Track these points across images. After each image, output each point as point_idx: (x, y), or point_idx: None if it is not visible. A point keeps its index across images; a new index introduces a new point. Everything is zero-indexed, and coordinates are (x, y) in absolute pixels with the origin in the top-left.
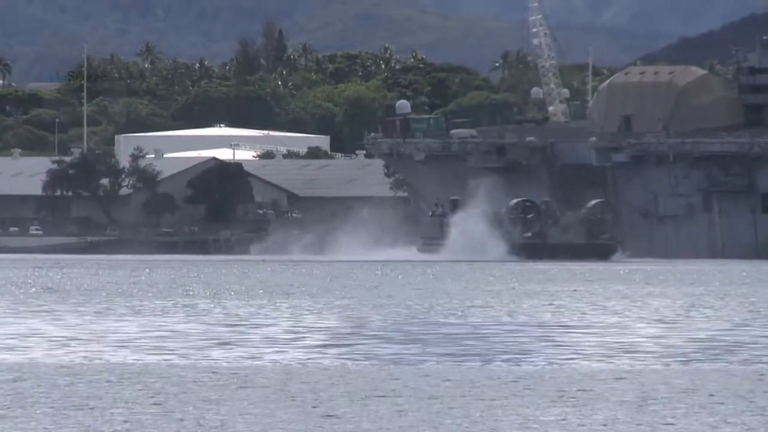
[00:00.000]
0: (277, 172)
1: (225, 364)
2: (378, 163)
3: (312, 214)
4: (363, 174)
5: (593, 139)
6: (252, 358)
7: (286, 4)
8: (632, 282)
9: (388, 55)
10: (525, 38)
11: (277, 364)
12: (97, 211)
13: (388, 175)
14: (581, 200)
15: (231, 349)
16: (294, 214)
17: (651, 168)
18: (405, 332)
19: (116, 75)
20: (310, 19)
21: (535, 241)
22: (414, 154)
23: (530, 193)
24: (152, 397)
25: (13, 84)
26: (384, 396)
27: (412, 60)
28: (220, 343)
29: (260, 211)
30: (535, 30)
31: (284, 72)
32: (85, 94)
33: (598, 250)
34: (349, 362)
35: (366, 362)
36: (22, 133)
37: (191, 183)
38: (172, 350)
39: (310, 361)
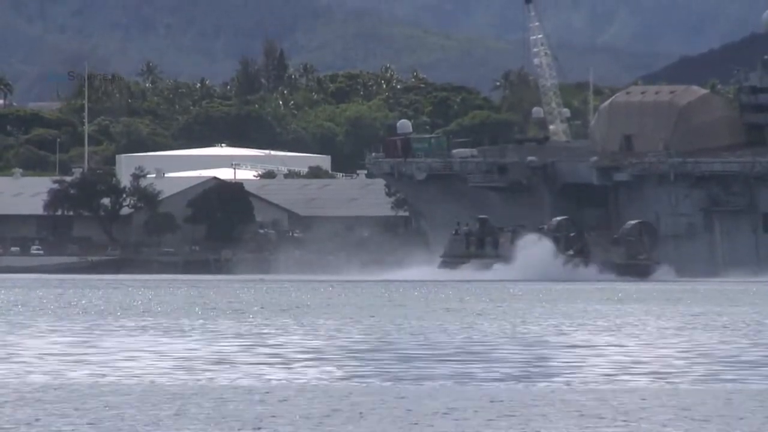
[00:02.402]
0: (278, 192)
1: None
2: (379, 183)
3: (313, 233)
4: (364, 193)
5: (594, 158)
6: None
7: (287, 23)
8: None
9: (389, 74)
10: (526, 58)
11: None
12: (98, 231)
13: (389, 194)
14: (582, 219)
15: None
16: (295, 234)
17: (652, 187)
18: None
19: (117, 95)
20: (310, 39)
21: (579, 259)
22: (415, 174)
23: (531, 212)
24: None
25: (14, 103)
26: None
27: (413, 80)
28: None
29: (261, 231)
30: (535, 49)
31: (285, 91)
32: (86, 114)
33: (638, 270)
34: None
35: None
36: (23, 153)
37: (192, 203)
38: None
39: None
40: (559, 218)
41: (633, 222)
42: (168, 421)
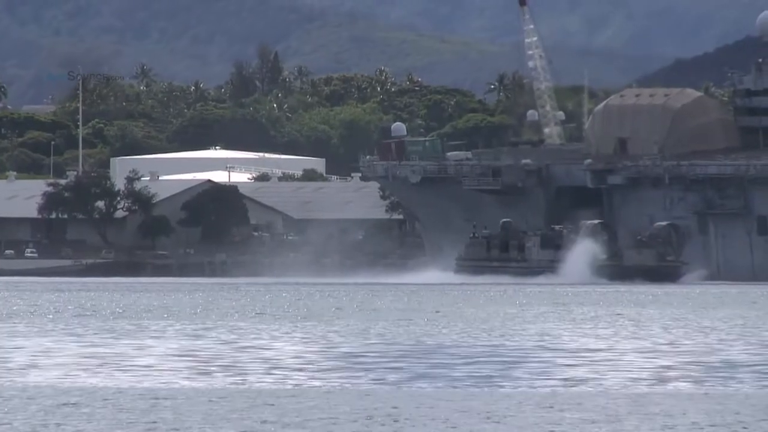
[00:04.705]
0: (273, 195)
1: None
2: (373, 186)
3: (307, 236)
4: (358, 196)
5: (588, 161)
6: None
7: (282, 27)
8: None
9: (383, 77)
10: (520, 61)
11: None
12: (93, 234)
13: (383, 197)
14: (576, 222)
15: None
16: (289, 237)
17: (646, 190)
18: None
19: (112, 98)
20: (305, 43)
21: (613, 262)
22: (409, 177)
23: (526, 215)
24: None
25: (9, 106)
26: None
27: (407, 82)
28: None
29: (255, 234)
30: (530, 52)
31: (279, 94)
32: (80, 117)
33: (669, 272)
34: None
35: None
36: (17, 156)
37: (186, 205)
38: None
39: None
40: (594, 221)
41: (662, 223)
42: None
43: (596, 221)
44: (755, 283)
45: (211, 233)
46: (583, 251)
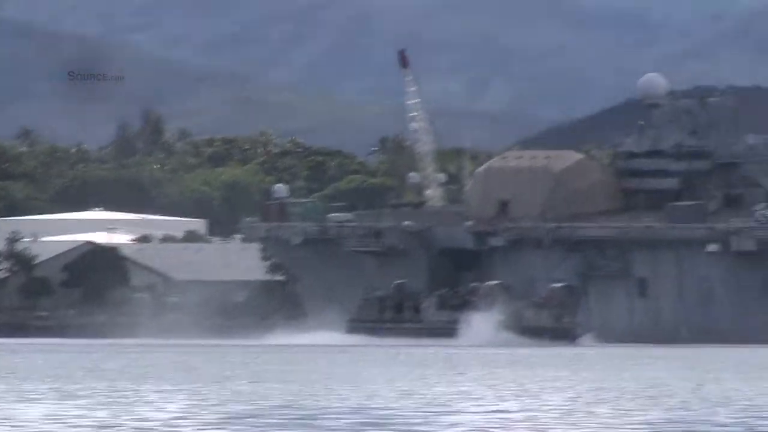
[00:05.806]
0: (154, 256)
1: None
2: (255, 247)
3: (188, 298)
4: (240, 258)
5: (469, 223)
6: None
7: (166, 88)
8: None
9: (265, 139)
10: (403, 123)
11: None
12: None
13: (265, 258)
14: (458, 284)
15: None
16: (170, 298)
17: (528, 252)
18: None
19: None
20: (189, 104)
21: (512, 323)
22: (291, 239)
23: (408, 277)
24: None
25: None
26: None
27: (289, 144)
28: None
29: (136, 296)
30: (412, 114)
31: (162, 156)
32: None
33: (566, 333)
34: None
35: None
36: None
37: (67, 267)
38: None
39: None
40: (492, 283)
41: (557, 285)
42: None
43: (494, 282)
44: (637, 345)
45: (92, 294)
46: (486, 313)
